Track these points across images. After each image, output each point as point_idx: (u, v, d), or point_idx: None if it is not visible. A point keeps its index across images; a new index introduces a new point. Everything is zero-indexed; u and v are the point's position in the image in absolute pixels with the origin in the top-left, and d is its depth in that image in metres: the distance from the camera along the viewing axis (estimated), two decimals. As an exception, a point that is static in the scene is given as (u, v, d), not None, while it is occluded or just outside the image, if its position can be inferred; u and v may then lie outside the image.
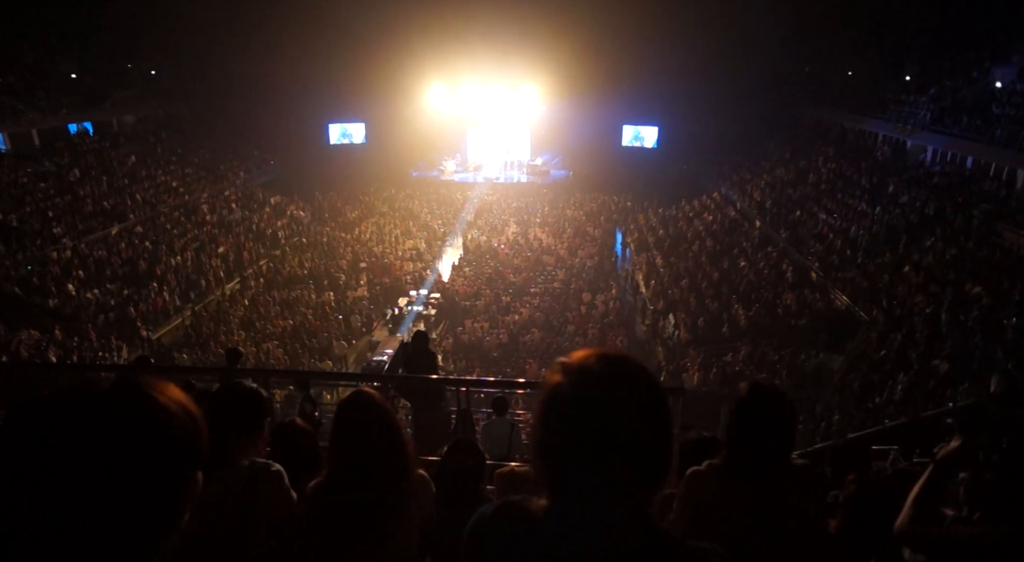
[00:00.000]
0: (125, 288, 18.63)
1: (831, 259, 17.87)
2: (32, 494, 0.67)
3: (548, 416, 0.94)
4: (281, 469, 2.14)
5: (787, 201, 24.01)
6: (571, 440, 0.90)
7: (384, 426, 1.98)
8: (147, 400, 0.75)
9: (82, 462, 0.68)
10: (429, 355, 7.17)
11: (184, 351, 16.88)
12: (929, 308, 12.93)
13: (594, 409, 0.90)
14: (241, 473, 2.04)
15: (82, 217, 21.91)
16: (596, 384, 0.91)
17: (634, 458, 0.89)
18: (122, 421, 0.72)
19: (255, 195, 30.94)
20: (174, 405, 0.77)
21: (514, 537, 0.96)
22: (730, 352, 15.21)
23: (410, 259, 24.81)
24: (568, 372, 0.94)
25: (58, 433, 0.69)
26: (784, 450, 1.86)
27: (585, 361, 0.94)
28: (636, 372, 0.93)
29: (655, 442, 0.91)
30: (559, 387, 0.93)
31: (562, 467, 0.92)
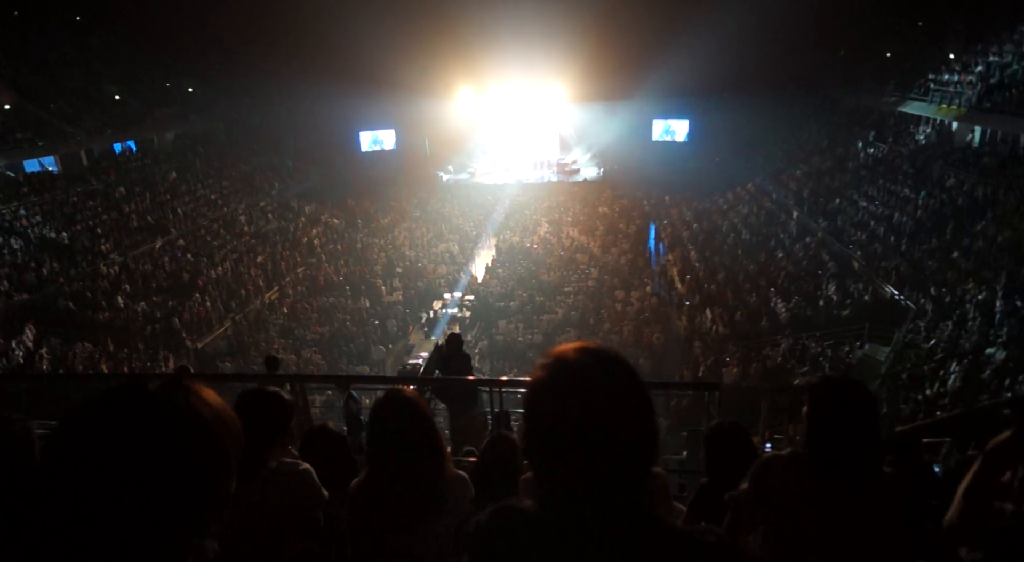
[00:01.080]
0: (170, 300, 19.26)
1: (874, 247, 17.30)
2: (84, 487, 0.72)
3: (531, 410, 0.95)
4: (309, 468, 2.17)
5: (825, 190, 23.35)
6: (553, 432, 0.91)
7: (418, 423, 1.99)
8: (194, 401, 0.81)
9: (133, 457, 0.73)
10: (464, 357, 7.19)
11: (227, 359, 17.34)
12: (982, 294, 12.40)
13: (572, 400, 0.90)
14: (269, 474, 2.08)
15: (128, 232, 22.77)
16: (573, 375, 0.93)
17: (615, 447, 0.90)
18: (172, 419, 0.78)
19: (290, 205, 31.63)
20: (217, 408, 0.83)
21: (512, 538, 0.97)
22: (769, 346, 14.86)
23: (443, 262, 24.98)
24: (548, 366, 0.95)
25: (112, 429, 0.75)
26: (868, 443, 1.77)
27: (563, 354, 0.95)
28: (613, 363, 0.94)
29: (635, 430, 0.91)
30: (539, 381, 0.95)
31: (548, 461, 0.93)
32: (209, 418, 0.80)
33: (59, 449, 0.74)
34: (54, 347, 15.73)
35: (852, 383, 1.81)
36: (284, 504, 2.08)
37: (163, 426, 0.76)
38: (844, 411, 1.75)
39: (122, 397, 0.78)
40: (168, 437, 0.76)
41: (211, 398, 0.84)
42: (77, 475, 0.72)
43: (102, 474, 0.72)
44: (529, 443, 0.95)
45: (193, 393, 0.82)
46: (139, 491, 0.73)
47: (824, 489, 1.75)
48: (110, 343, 16.26)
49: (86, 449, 0.73)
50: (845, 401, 1.76)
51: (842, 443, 1.75)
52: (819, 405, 1.79)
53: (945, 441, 5.11)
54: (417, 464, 1.96)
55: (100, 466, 0.72)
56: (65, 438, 0.74)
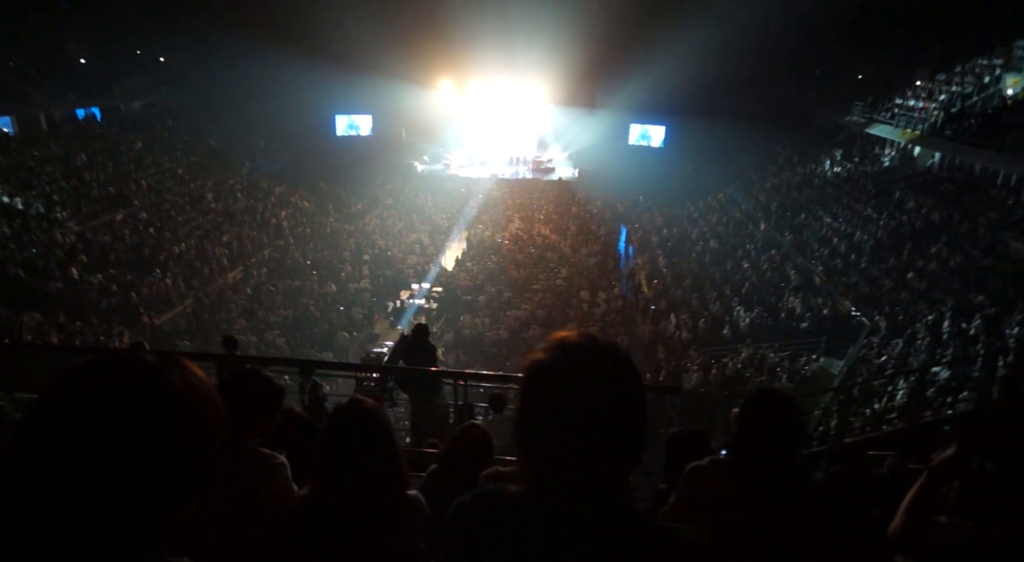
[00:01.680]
0: (128, 274, 18.68)
1: (835, 263, 17.83)
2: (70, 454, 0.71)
3: (529, 391, 0.95)
4: (285, 462, 2.12)
5: (792, 204, 23.94)
6: (549, 412, 0.92)
7: (379, 440, 1.84)
8: (189, 377, 0.81)
9: (128, 430, 0.73)
10: (429, 348, 7.18)
11: (185, 338, 16.92)
12: (932, 315, 12.89)
13: (573, 384, 0.91)
14: (248, 458, 2.04)
15: (87, 201, 21.96)
16: (577, 358, 0.94)
17: (611, 433, 0.91)
18: (169, 393, 0.77)
19: (260, 184, 30.97)
20: (207, 386, 0.84)
21: (493, 522, 0.97)
22: (730, 354, 15.20)
23: (413, 252, 24.81)
24: (549, 349, 0.96)
25: (102, 397, 0.74)
26: (787, 452, 1.89)
27: (566, 339, 0.97)
28: (614, 350, 0.96)
29: (631, 418, 0.93)
30: (540, 363, 0.95)
31: (539, 442, 0.94)
32: (202, 395, 0.81)
33: (45, 417, 0.72)
34: (0, 315, 15.11)
35: (781, 397, 1.93)
36: (257, 490, 2.02)
37: (161, 399, 0.76)
38: (769, 422, 1.86)
39: (117, 368, 0.77)
40: (165, 411, 0.76)
41: (201, 375, 0.84)
42: (60, 446, 0.70)
43: (88, 445, 0.71)
44: (522, 424, 0.95)
45: (187, 369, 0.82)
46: (131, 465, 0.72)
47: (746, 496, 1.83)
48: (61, 314, 15.70)
49: (79, 419, 0.72)
50: (771, 413, 1.87)
51: (764, 452, 1.86)
52: (748, 414, 1.90)
53: (889, 454, 5.32)
54: (371, 480, 1.80)
55: (94, 437, 0.71)
56: (54, 407, 0.73)
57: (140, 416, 0.74)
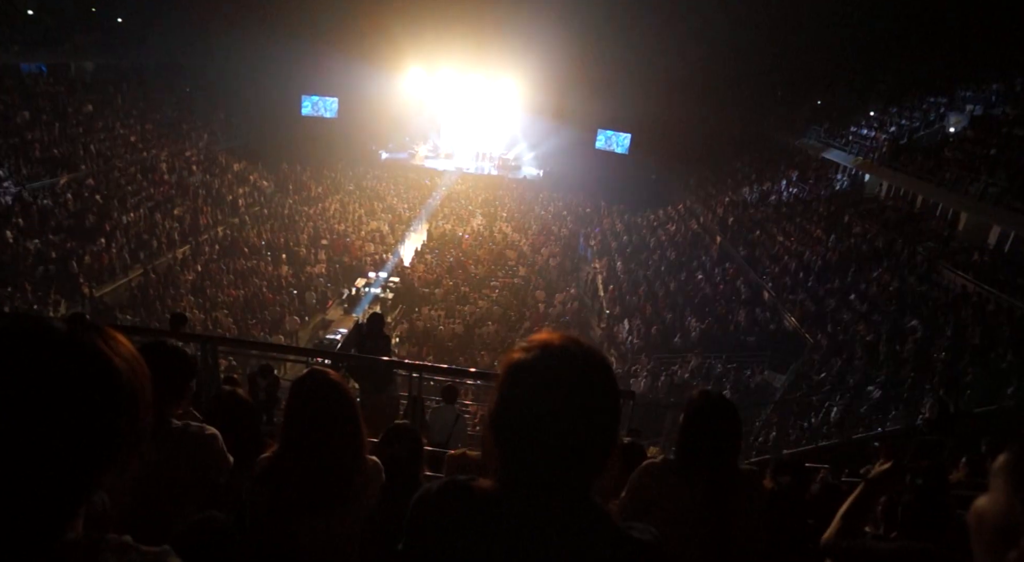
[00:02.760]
0: (69, 241, 17.82)
1: (784, 280, 18.46)
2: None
3: (507, 388, 0.97)
4: (216, 432, 2.12)
5: (748, 220, 24.66)
6: (527, 411, 0.94)
7: (341, 407, 1.93)
8: (106, 344, 0.75)
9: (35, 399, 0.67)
10: (383, 338, 7.11)
11: (128, 312, 16.28)
12: (869, 336, 13.50)
13: (553, 380, 0.93)
14: (173, 434, 2.01)
15: (28, 162, 20.80)
16: (557, 358, 0.95)
17: (585, 434, 0.93)
18: (73, 357, 0.71)
19: (218, 159, 29.98)
20: (129, 354, 0.78)
21: (459, 513, 0.98)
22: (679, 362, 15.57)
23: (372, 240, 24.49)
24: (530, 349, 0.98)
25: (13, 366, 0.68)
26: (730, 453, 1.97)
27: (548, 339, 0.99)
28: (594, 353, 0.98)
29: (605, 420, 0.96)
30: (521, 361, 0.97)
31: (515, 440, 0.95)
32: (121, 364, 0.75)
33: None
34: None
35: (724, 400, 2.01)
36: (187, 467, 2.02)
37: (70, 366, 0.70)
38: (713, 424, 1.95)
39: (24, 332, 0.70)
40: (74, 378, 0.70)
41: (124, 343, 0.79)
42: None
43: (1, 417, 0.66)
44: (499, 422, 0.96)
45: (104, 335, 0.76)
46: (38, 435, 0.67)
47: (689, 493, 1.91)
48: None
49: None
50: (714, 415, 1.95)
51: (709, 452, 1.94)
52: (692, 416, 1.98)
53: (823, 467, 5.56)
54: (335, 448, 1.89)
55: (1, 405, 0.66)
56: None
57: (51, 383, 0.69)
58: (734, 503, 1.90)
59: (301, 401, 1.93)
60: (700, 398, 2.00)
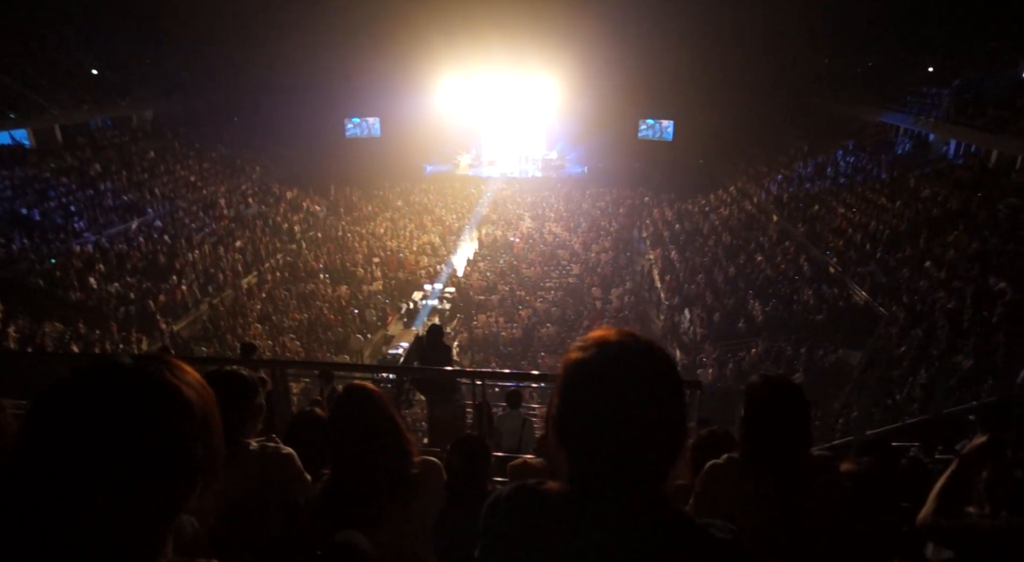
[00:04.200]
0: (145, 281, 18.90)
1: (849, 254, 17.64)
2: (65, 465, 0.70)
3: (568, 389, 0.95)
4: (292, 452, 2.17)
5: (805, 195, 23.71)
6: (591, 411, 0.92)
7: (377, 415, 1.95)
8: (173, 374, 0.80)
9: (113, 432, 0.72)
10: (444, 348, 7.18)
11: (203, 344, 17.10)
12: (951, 304, 12.71)
13: (614, 378, 0.92)
14: (251, 456, 2.07)
15: (103, 211, 22.25)
16: (616, 355, 0.94)
17: (651, 430, 0.91)
18: (151, 392, 0.76)
19: (271, 189, 31.19)
20: (196, 382, 0.83)
21: (532, 517, 0.97)
22: (746, 348, 15.09)
23: (425, 253, 24.88)
24: (588, 347, 0.96)
25: (90, 403, 0.73)
26: (800, 442, 1.85)
27: (605, 336, 0.97)
28: (653, 347, 0.96)
29: (671, 415, 0.93)
30: (580, 360, 0.95)
31: (581, 441, 0.94)
32: (188, 392, 0.79)
33: (37, 428, 0.72)
34: (22, 326, 15.33)
35: (785, 384, 1.87)
36: (266, 487, 2.08)
37: (142, 398, 0.75)
38: (777, 410, 1.82)
39: (98, 371, 0.76)
40: (148, 410, 0.75)
41: (190, 372, 0.83)
42: (57, 454, 0.70)
43: (83, 451, 0.70)
44: (563, 423, 0.96)
45: (170, 366, 0.81)
46: (121, 466, 0.71)
47: (759, 491, 1.79)
48: (81, 323, 15.91)
49: (65, 426, 0.71)
50: (778, 402, 1.82)
51: (774, 442, 1.81)
52: (753, 404, 1.86)
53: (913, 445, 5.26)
54: (381, 457, 1.92)
55: (80, 443, 0.70)
56: (42, 416, 0.73)
57: (125, 420, 0.73)
58: (809, 494, 1.79)
59: (342, 416, 1.96)
60: (760, 384, 1.87)
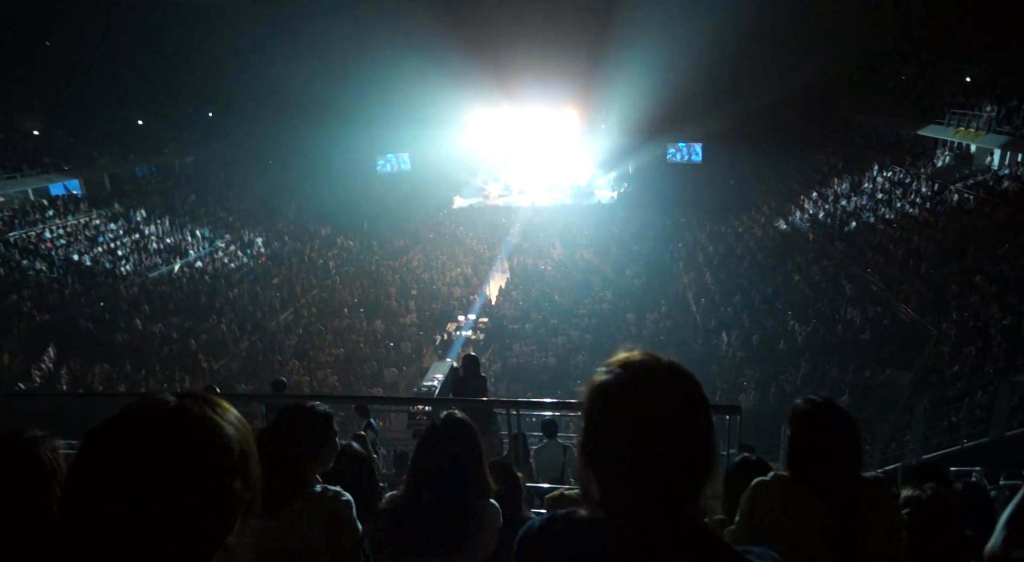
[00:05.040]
0: (187, 321, 19.45)
1: (892, 271, 17.09)
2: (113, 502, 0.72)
3: (594, 411, 0.94)
4: (351, 500, 2.17)
5: (841, 212, 23.20)
6: (617, 433, 0.90)
7: (472, 447, 2.01)
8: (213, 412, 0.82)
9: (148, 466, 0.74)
10: (480, 379, 7.16)
11: (242, 381, 17.40)
12: (1007, 319, 12.16)
13: (639, 398, 0.90)
14: (312, 497, 2.08)
15: (147, 254, 23.13)
16: (640, 375, 0.93)
17: (678, 450, 0.89)
18: (181, 430, 0.78)
19: (306, 227, 31.98)
20: (236, 419, 0.84)
21: (563, 546, 0.96)
22: (788, 370, 14.64)
23: (458, 285, 25.03)
24: (611, 370, 0.95)
25: (135, 442, 0.75)
26: (851, 464, 1.78)
27: (628, 358, 0.96)
28: (677, 367, 0.95)
29: (700, 436, 0.91)
30: (604, 382, 0.94)
31: (608, 464, 0.92)
32: (229, 429, 0.81)
33: (85, 466, 0.75)
34: (73, 368, 15.91)
35: (832, 406, 1.82)
36: (321, 530, 2.07)
37: (183, 434, 0.77)
38: (823, 433, 1.77)
39: (143, 409, 0.79)
40: (188, 445, 0.77)
41: (229, 409, 0.85)
42: (105, 491, 0.72)
43: (127, 484, 0.72)
44: (590, 447, 0.95)
45: (211, 403, 0.83)
46: (167, 502, 0.73)
47: (810, 512, 1.74)
48: (128, 364, 16.42)
49: (111, 461, 0.73)
50: (826, 424, 1.77)
51: (824, 464, 1.76)
52: (801, 427, 1.81)
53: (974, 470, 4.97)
54: (463, 488, 1.95)
55: (124, 476, 0.72)
56: (90, 455, 0.75)
57: (169, 451, 0.75)
58: (861, 519, 1.71)
59: (439, 440, 2.00)
60: (805, 406, 1.82)
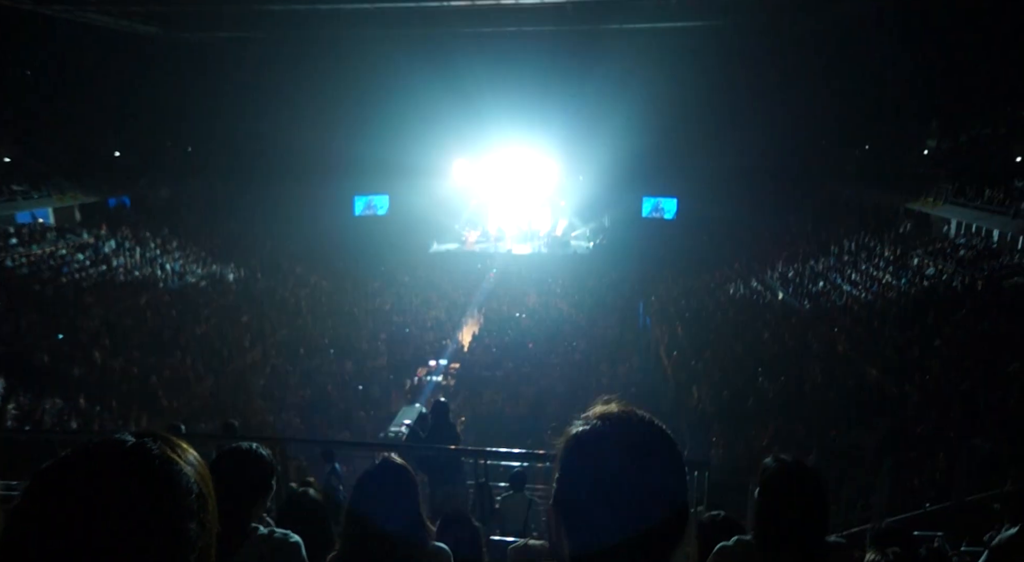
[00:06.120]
0: (149, 356, 18.86)
1: (857, 331, 17.51)
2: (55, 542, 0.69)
3: (567, 463, 0.94)
4: (300, 542, 2.10)
5: (810, 272, 23.85)
6: (590, 486, 0.90)
7: (407, 492, 1.97)
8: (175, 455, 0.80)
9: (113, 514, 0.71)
10: (449, 427, 7.05)
11: (203, 420, 16.81)
12: (964, 385, 12.47)
13: (613, 452, 0.91)
14: (259, 541, 2.01)
15: (113, 287, 22.54)
16: (615, 429, 0.93)
17: (651, 505, 0.89)
18: (137, 471, 0.75)
19: (280, 264, 31.64)
20: (197, 463, 0.82)
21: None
22: (756, 427, 14.70)
23: (430, 328, 24.85)
24: (587, 421, 0.96)
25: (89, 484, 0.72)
26: (816, 529, 1.77)
27: (604, 411, 0.98)
28: (652, 421, 0.97)
29: (671, 490, 0.92)
30: (578, 434, 0.95)
31: (580, 517, 0.92)
32: (187, 470, 0.79)
33: (30, 509, 0.70)
34: (22, 403, 15.20)
35: (802, 467, 1.82)
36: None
37: (140, 475, 0.74)
38: (792, 495, 1.76)
39: (98, 448, 0.75)
40: (145, 486, 0.74)
41: (189, 450, 0.83)
42: (51, 537, 0.69)
43: (79, 533, 0.69)
44: (562, 500, 0.94)
45: (170, 443, 0.81)
46: (119, 548, 0.70)
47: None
48: (82, 399, 15.76)
49: (61, 507, 0.70)
50: (795, 485, 1.77)
51: (791, 526, 1.75)
52: (770, 487, 1.80)
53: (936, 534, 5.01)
54: (401, 536, 1.89)
55: (75, 519, 0.69)
56: (37, 497, 0.71)
57: (124, 492, 0.73)
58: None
59: (370, 488, 1.95)
60: (775, 467, 1.82)
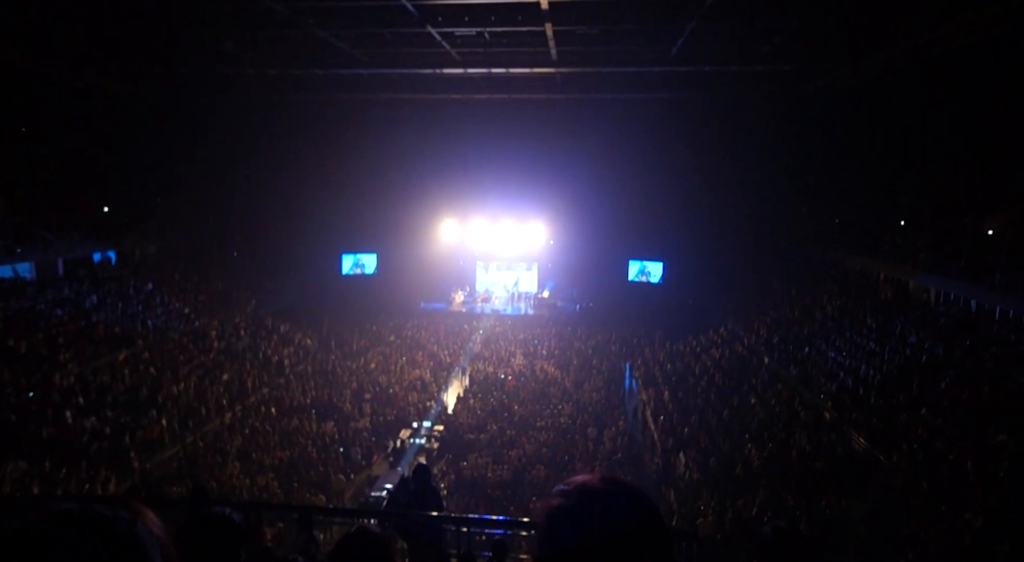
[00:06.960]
0: (124, 416, 18.29)
1: (843, 398, 17.48)
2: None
3: (549, 536, 0.92)
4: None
5: (794, 338, 24.01)
6: (572, 559, 0.89)
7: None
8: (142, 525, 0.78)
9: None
10: (432, 491, 6.84)
11: (176, 483, 16.16)
12: (952, 455, 12.40)
13: (596, 525, 0.89)
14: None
15: (91, 343, 22.06)
16: (596, 500, 0.92)
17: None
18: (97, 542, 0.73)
19: (264, 322, 31.30)
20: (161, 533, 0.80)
21: None
22: (745, 495, 14.40)
23: (415, 389, 24.48)
24: (569, 493, 0.95)
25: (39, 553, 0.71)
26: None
27: (586, 482, 0.96)
28: (636, 493, 0.95)
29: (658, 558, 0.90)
30: (560, 507, 0.93)
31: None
32: (148, 540, 0.77)
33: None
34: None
35: (799, 537, 1.82)
36: None
37: (100, 547, 0.73)
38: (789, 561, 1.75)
39: (55, 517, 0.74)
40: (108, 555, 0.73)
41: (151, 518, 0.82)
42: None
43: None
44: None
45: (133, 511, 0.79)
46: None
47: None
48: (47, 463, 15.11)
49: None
50: (790, 555, 1.77)
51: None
52: (765, 557, 1.78)
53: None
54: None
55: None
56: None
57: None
58: None
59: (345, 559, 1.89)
60: (773, 536, 1.81)
